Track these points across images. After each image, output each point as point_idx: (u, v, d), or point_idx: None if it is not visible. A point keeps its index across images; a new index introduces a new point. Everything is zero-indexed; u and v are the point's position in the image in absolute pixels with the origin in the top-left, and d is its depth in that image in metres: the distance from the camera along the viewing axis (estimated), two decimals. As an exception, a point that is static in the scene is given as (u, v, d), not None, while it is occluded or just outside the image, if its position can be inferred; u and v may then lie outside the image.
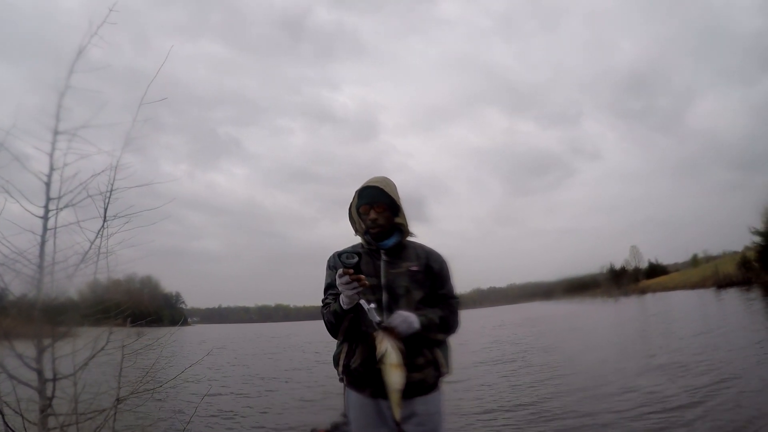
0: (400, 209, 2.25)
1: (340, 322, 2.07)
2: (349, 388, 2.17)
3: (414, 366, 2.03)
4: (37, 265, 2.70)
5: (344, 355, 2.16)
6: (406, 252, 2.24)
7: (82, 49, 2.88)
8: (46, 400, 2.51)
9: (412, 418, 2.05)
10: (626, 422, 5.69)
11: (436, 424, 2.12)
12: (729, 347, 10.32)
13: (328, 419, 2.39)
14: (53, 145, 2.83)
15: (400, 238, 2.24)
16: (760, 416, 5.26)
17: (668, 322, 19.25)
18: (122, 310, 2.86)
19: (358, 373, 2.10)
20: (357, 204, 2.26)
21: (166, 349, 3.17)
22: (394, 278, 2.15)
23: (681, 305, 28.41)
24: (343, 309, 2.01)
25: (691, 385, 7.16)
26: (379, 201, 2.21)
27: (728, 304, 24.54)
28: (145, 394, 2.72)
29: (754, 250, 45.96)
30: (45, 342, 2.56)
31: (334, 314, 2.07)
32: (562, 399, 7.34)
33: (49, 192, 2.80)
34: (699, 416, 5.59)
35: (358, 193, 2.25)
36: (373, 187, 2.21)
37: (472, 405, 7.37)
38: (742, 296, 28.28)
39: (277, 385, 11.47)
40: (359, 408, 2.12)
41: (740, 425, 5.10)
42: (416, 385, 2.05)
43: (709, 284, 49.92)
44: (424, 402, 2.09)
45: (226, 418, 7.81)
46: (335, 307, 2.06)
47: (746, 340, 10.89)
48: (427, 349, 2.12)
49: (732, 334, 12.47)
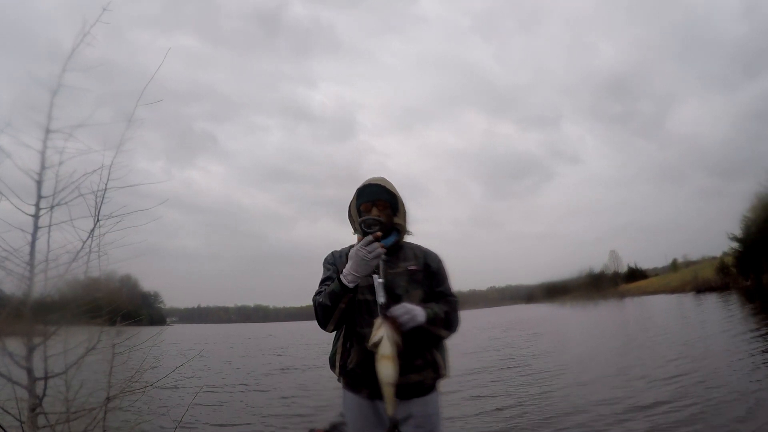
0: (399, 209, 2.24)
1: (336, 304, 2.01)
2: (345, 389, 2.16)
3: (413, 367, 2.03)
4: (28, 263, 2.70)
5: (340, 356, 2.14)
6: (404, 252, 2.23)
7: (75, 48, 2.90)
8: (35, 398, 2.51)
9: (410, 420, 2.04)
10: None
11: (434, 425, 2.11)
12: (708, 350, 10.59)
13: (327, 419, 2.40)
14: (44, 143, 2.84)
15: (398, 237, 2.22)
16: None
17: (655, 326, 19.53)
18: (101, 309, 2.84)
19: (354, 374, 2.09)
20: (357, 202, 2.24)
21: (154, 348, 3.17)
22: (393, 278, 2.13)
23: (661, 309, 28.87)
24: (344, 288, 1.97)
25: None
26: (381, 198, 2.20)
27: (707, 308, 25.06)
28: (136, 393, 2.73)
29: (732, 256, 47.09)
30: (35, 340, 2.56)
31: (331, 295, 2.01)
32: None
33: (41, 190, 2.81)
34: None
35: (358, 192, 2.23)
36: (375, 184, 2.21)
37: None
38: (721, 301, 28.88)
39: (273, 385, 11.46)
40: (356, 409, 2.12)
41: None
42: (414, 386, 2.05)
43: (689, 289, 50.81)
44: (421, 403, 2.08)
45: (221, 419, 7.77)
46: (334, 286, 2.01)
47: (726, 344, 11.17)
48: (427, 351, 2.10)
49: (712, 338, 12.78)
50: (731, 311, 20.69)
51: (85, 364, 2.68)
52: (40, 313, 2.61)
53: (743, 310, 20.73)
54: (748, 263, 42.71)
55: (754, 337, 11.54)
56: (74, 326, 2.81)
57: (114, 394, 2.66)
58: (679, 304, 31.62)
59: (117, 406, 2.67)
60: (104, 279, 2.87)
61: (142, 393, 2.73)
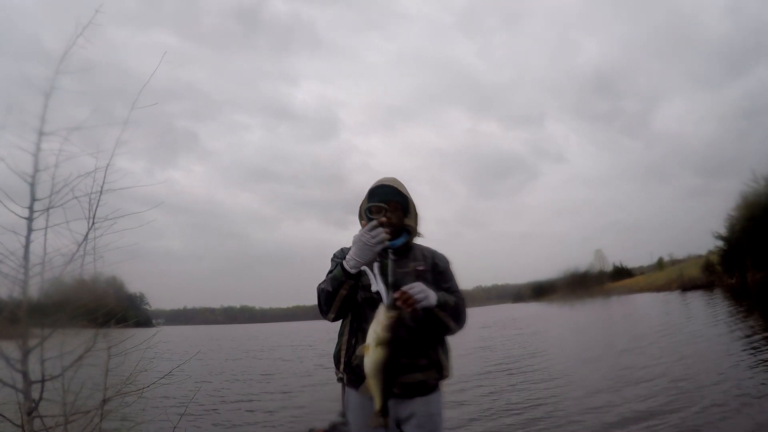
0: (410, 210, 2.25)
1: (338, 290, 2.01)
2: (348, 387, 2.16)
3: (416, 367, 2.06)
4: (22, 266, 2.69)
5: (344, 353, 2.15)
6: (413, 253, 2.25)
7: (68, 50, 2.89)
8: (31, 402, 2.50)
9: (412, 419, 2.07)
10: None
11: (436, 425, 2.12)
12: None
13: (327, 419, 2.40)
14: (38, 146, 2.83)
15: (408, 238, 2.23)
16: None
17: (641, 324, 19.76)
18: (90, 312, 2.83)
19: (359, 371, 2.02)
20: (368, 203, 2.22)
21: (147, 350, 3.16)
22: (402, 278, 2.12)
23: (647, 307, 29.22)
24: (346, 273, 1.98)
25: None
26: (393, 200, 2.20)
27: (693, 306, 25.42)
28: (131, 395, 2.73)
29: (717, 255, 47.68)
30: (31, 343, 2.55)
31: (333, 280, 2.01)
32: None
33: (34, 193, 2.80)
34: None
35: (370, 192, 2.24)
36: (387, 185, 2.22)
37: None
38: (706, 298, 29.28)
39: (270, 386, 11.45)
40: (359, 408, 2.11)
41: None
42: (418, 386, 2.07)
43: (674, 287, 51.34)
44: (424, 403, 2.09)
45: (218, 419, 7.79)
46: (336, 272, 2.01)
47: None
48: (432, 350, 2.12)
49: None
50: (717, 309, 21.01)
51: (80, 367, 2.67)
52: (35, 316, 2.60)
53: (729, 308, 21.00)
54: (733, 261, 43.30)
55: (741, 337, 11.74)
56: (68, 329, 2.80)
57: (110, 396, 2.66)
58: (666, 302, 31.99)
59: (113, 409, 2.66)
60: (90, 281, 2.86)
61: (139, 395, 2.73)
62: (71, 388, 2.63)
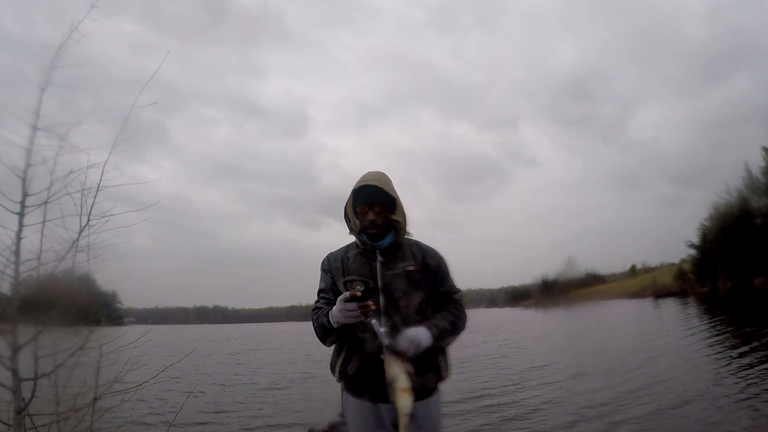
0: (397, 206, 2.17)
1: (328, 335, 2.04)
2: (347, 392, 2.16)
3: (415, 370, 1.99)
4: (13, 262, 2.66)
5: (341, 362, 2.13)
6: (402, 251, 2.18)
7: (62, 45, 2.86)
8: (21, 400, 2.47)
9: (412, 421, 2.00)
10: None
11: (435, 426, 2.12)
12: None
13: (326, 419, 2.39)
14: (31, 141, 2.80)
15: (395, 236, 2.16)
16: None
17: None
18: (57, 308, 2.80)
19: (356, 380, 2.08)
20: (353, 204, 2.16)
21: (136, 349, 3.13)
22: (391, 280, 2.09)
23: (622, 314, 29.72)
24: (332, 327, 1.98)
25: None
26: (378, 201, 2.12)
27: (666, 312, 25.97)
28: (123, 392, 2.71)
29: (689, 263, 48.85)
30: (20, 340, 2.52)
31: (322, 328, 2.03)
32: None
33: (26, 188, 2.76)
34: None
35: (354, 192, 2.16)
36: (371, 186, 2.12)
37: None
38: (679, 306, 29.93)
39: (271, 386, 11.38)
40: (358, 411, 2.11)
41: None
42: (416, 389, 2.00)
43: (648, 294, 52.24)
44: (423, 405, 2.07)
45: (214, 419, 7.74)
46: (324, 321, 2.01)
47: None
48: (430, 354, 2.06)
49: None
50: (689, 315, 21.46)
51: (70, 365, 2.65)
52: (26, 312, 2.57)
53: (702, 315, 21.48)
54: (706, 270, 44.39)
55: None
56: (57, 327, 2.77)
57: (101, 395, 2.64)
58: (639, 309, 32.60)
59: (105, 407, 2.64)
60: (63, 277, 2.82)
61: (133, 392, 2.71)
62: (60, 386, 2.60)
